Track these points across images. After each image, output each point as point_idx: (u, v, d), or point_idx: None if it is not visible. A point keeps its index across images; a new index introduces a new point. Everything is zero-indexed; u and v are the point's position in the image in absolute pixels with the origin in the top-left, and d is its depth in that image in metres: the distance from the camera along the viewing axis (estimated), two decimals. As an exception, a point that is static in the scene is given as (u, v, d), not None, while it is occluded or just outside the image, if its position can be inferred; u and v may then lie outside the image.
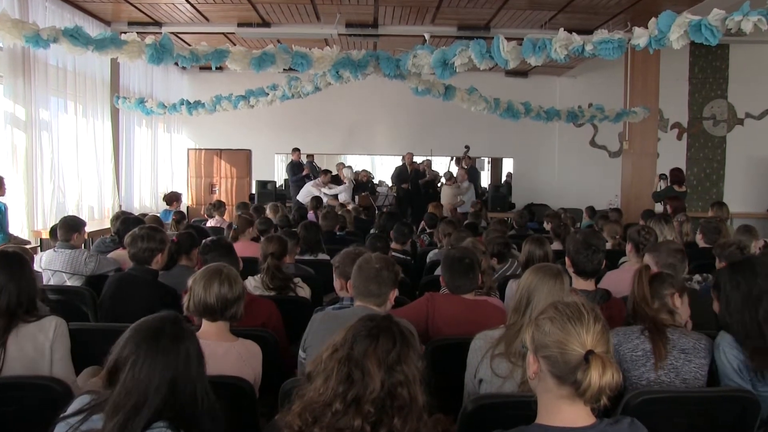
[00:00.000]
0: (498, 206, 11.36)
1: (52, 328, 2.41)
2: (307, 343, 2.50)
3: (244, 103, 8.49)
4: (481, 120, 11.26)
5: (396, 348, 1.56)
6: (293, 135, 12.17)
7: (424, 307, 2.93)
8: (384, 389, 1.52)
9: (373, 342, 1.56)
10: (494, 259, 4.36)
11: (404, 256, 5.24)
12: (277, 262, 3.77)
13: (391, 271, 2.56)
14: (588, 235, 3.22)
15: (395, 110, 12.48)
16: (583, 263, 3.09)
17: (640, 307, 2.48)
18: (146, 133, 10.60)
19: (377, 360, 1.53)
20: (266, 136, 12.50)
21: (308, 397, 1.58)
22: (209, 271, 2.49)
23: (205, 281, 2.45)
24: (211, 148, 12.66)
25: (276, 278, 3.70)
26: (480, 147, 12.50)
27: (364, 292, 2.53)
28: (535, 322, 1.60)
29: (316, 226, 5.28)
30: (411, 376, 1.55)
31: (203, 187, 12.72)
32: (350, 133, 12.76)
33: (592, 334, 1.50)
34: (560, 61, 5.10)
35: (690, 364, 2.34)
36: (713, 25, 4.24)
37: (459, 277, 2.96)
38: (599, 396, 1.46)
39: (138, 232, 3.46)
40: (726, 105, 12.03)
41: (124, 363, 1.57)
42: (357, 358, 1.54)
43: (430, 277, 4.37)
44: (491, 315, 2.86)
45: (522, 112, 8.63)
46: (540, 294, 2.28)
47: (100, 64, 8.60)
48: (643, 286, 2.50)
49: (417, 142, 12.42)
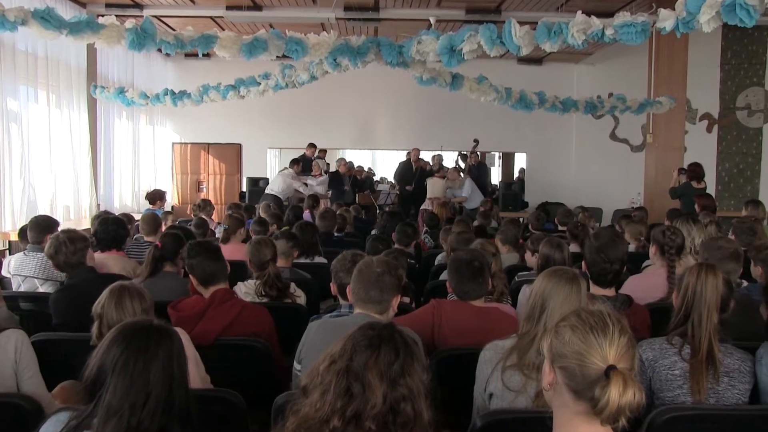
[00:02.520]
0: (510, 205, 11.37)
1: (12, 346, 2.37)
2: (302, 354, 2.51)
3: (234, 93, 8.50)
4: (492, 112, 11.25)
5: (399, 359, 1.56)
6: (287, 128, 12.21)
7: (429, 315, 2.93)
8: (386, 404, 1.52)
9: (375, 353, 1.56)
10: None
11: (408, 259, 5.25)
12: (277, 269, 3.79)
13: (394, 275, 2.56)
14: (605, 244, 3.10)
15: (398, 101, 12.49)
16: (598, 275, 3.09)
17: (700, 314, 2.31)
18: (127, 125, 10.63)
19: (379, 372, 1.53)
20: (258, 129, 12.53)
21: (304, 412, 1.58)
22: (114, 291, 2.51)
23: (116, 302, 2.47)
24: (198, 143, 12.69)
25: (275, 287, 3.73)
26: (490, 141, 12.51)
27: (364, 298, 2.54)
28: (555, 329, 1.61)
29: (312, 226, 5.30)
30: (415, 389, 1.55)
31: (189, 184, 12.76)
32: (349, 127, 12.79)
33: (615, 347, 1.50)
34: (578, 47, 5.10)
35: (733, 389, 2.26)
36: (750, 5, 4.17)
37: (467, 281, 2.97)
38: (617, 416, 1.45)
39: (60, 239, 3.56)
40: (763, 93, 11.96)
41: (109, 369, 1.59)
42: (357, 371, 1.54)
43: (436, 282, 4.39)
44: (502, 323, 2.87)
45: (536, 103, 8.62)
46: (555, 300, 2.28)
47: (75, 50, 8.61)
48: (717, 289, 2.34)
49: (422, 136, 12.44)
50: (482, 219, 7.66)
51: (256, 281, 3.77)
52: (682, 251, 3.83)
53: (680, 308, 2.39)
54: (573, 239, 5.76)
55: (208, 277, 3.11)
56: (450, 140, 12.36)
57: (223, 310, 2.97)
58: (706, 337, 2.29)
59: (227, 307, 3.00)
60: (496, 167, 15.32)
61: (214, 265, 3.12)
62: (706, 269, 2.40)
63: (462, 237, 4.78)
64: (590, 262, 3.11)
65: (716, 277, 2.37)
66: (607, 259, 3.06)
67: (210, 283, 3.10)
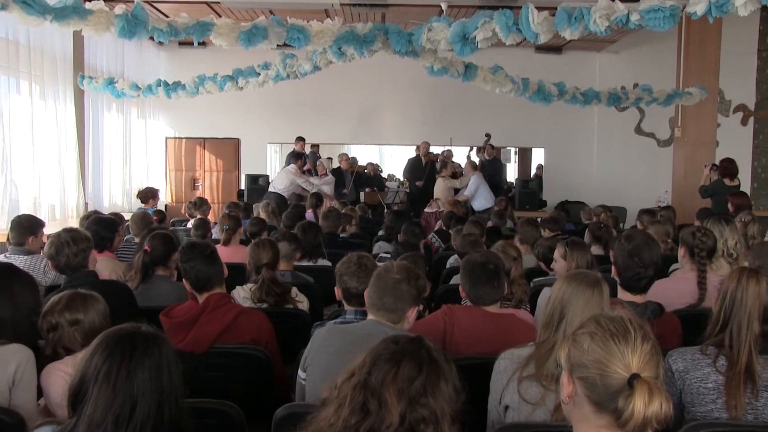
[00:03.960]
0: (527, 204, 11.35)
1: (14, 365, 2.35)
2: (308, 362, 2.51)
3: (232, 84, 8.54)
4: (507, 104, 11.24)
5: (421, 377, 1.54)
6: (289, 122, 12.22)
7: (440, 321, 2.94)
8: (404, 425, 1.51)
9: (394, 368, 1.55)
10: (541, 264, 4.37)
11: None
12: (272, 273, 3.80)
13: (413, 285, 2.56)
14: (639, 247, 3.08)
15: (407, 93, 12.49)
16: (631, 280, 3.07)
17: (739, 323, 2.27)
18: (117, 119, 10.67)
19: (397, 390, 1.52)
20: (257, 123, 12.56)
21: (316, 426, 1.59)
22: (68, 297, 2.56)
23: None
24: (194, 137, 12.73)
25: (271, 293, 3.74)
26: (506, 135, 12.50)
27: (377, 304, 2.55)
28: (573, 337, 1.61)
29: (315, 227, 5.33)
30: (439, 412, 1.53)
31: (184, 182, 12.80)
32: (355, 120, 12.80)
33: (639, 355, 1.50)
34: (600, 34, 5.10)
35: None
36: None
37: (481, 285, 2.97)
38: (643, 429, 1.46)
39: (62, 238, 3.57)
40: (804, 82, 11.91)
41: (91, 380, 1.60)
42: (374, 386, 1.54)
43: (448, 287, 4.40)
44: (519, 330, 2.87)
45: (555, 95, 8.61)
46: (575, 307, 2.29)
47: (60, 38, 8.62)
48: (760, 297, 2.30)
49: (432, 130, 12.43)
50: (497, 219, 7.63)
51: (252, 287, 3.79)
52: (713, 254, 3.81)
53: (718, 316, 2.36)
54: (595, 241, 5.74)
55: (202, 282, 3.11)
56: (461, 135, 12.35)
57: (218, 316, 2.98)
58: (746, 348, 2.25)
59: (222, 312, 3.00)
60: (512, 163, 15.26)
61: (208, 269, 3.12)
62: (747, 274, 2.36)
63: (467, 240, 4.77)
64: (622, 266, 3.08)
65: (759, 284, 2.33)
66: (642, 263, 3.04)
67: (204, 288, 3.11)
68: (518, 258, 3.87)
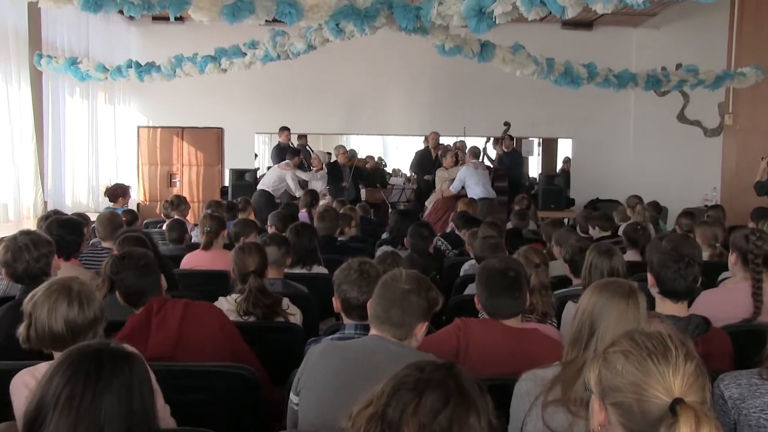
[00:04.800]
0: (552, 203, 11.35)
1: None
2: (301, 384, 2.52)
3: (214, 66, 8.54)
4: (530, 89, 11.24)
5: (447, 410, 1.52)
6: (279, 109, 12.22)
7: (453, 337, 2.94)
8: None
9: (415, 399, 1.54)
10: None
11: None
12: (260, 282, 3.80)
13: (424, 297, 2.57)
14: (679, 241, 3.15)
15: (414, 76, 12.50)
16: (672, 280, 3.06)
17: None
18: (81, 105, 10.67)
19: (417, 424, 1.51)
20: (243, 110, 12.56)
21: None
22: (54, 289, 2.53)
23: (51, 302, 2.49)
24: (170, 126, 12.75)
25: (259, 304, 3.74)
26: (527, 125, 12.47)
27: (381, 317, 2.55)
28: (604, 356, 1.61)
29: (310, 229, 5.33)
30: None
31: (159, 177, 12.81)
32: (355, 107, 12.80)
33: (682, 376, 1.50)
34: (638, 6, 5.09)
35: None
36: None
37: (500, 295, 2.98)
38: (690, 464, 1.45)
39: (20, 241, 3.57)
40: None
41: (50, 404, 1.60)
42: (392, 419, 1.53)
43: (462, 297, 4.40)
44: (543, 348, 2.88)
45: (585, 77, 8.60)
46: (607, 320, 2.30)
47: (13, 11, 8.56)
48: None
49: (443, 119, 12.44)
50: (517, 220, 7.63)
51: (238, 296, 3.80)
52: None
53: None
54: (631, 245, 5.72)
55: (134, 297, 3.21)
56: (476, 124, 12.31)
57: (168, 312, 3.07)
58: None
59: (171, 308, 3.09)
60: (535, 156, 15.28)
61: (142, 281, 3.21)
62: None
63: (488, 243, 4.74)
64: (658, 265, 3.07)
65: None
66: (681, 256, 3.03)
67: (140, 302, 3.19)
68: (541, 265, 3.86)
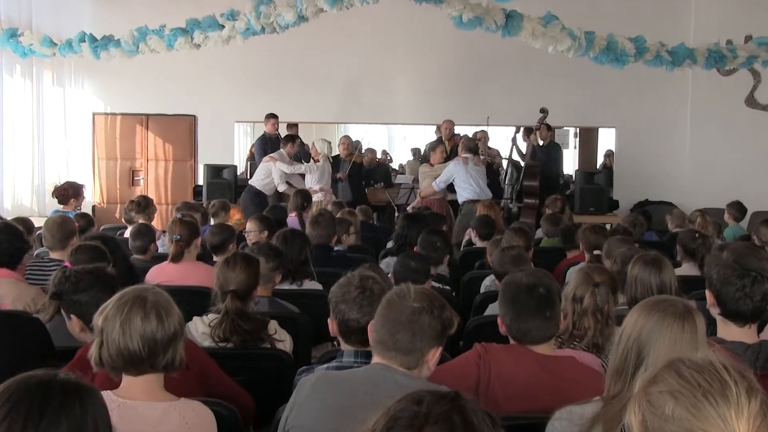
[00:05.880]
0: (591, 205, 11.33)
1: None
2: (290, 422, 2.53)
3: (185, 40, 8.57)
4: (564, 69, 11.31)
5: None
6: (264, 94, 12.28)
7: (473, 366, 2.95)
8: None
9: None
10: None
11: (439, 284, 5.27)
12: (239, 305, 3.77)
13: (437, 317, 2.57)
14: (743, 253, 3.13)
15: (424, 56, 12.58)
16: (736, 300, 3.05)
17: None
18: (23, 86, 10.71)
19: None
20: (221, 94, 12.63)
21: None
22: (126, 300, 2.54)
23: (124, 315, 2.49)
24: (133, 113, 12.82)
25: (238, 330, 3.71)
26: (561, 112, 12.43)
27: (387, 342, 2.55)
28: (646, 395, 1.59)
29: (301, 237, 5.35)
30: None
31: (119, 174, 12.87)
32: (354, 92, 12.86)
33: (746, 418, 1.47)
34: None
35: None
36: None
37: (528, 316, 2.98)
38: None
39: None
40: None
41: None
42: None
43: (482, 319, 4.40)
44: (581, 379, 2.89)
45: (631, 54, 8.61)
46: (658, 347, 2.30)
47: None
48: None
49: (461, 106, 12.49)
50: (549, 225, 7.62)
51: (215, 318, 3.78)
52: None
53: None
54: (687, 257, 5.70)
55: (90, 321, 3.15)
56: (500, 112, 12.29)
57: None
58: None
59: None
60: (571, 149, 15.26)
61: (102, 302, 3.17)
62: None
63: (508, 255, 4.74)
64: (719, 280, 3.07)
65: None
66: (745, 271, 3.02)
67: None
68: (601, 285, 3.80)
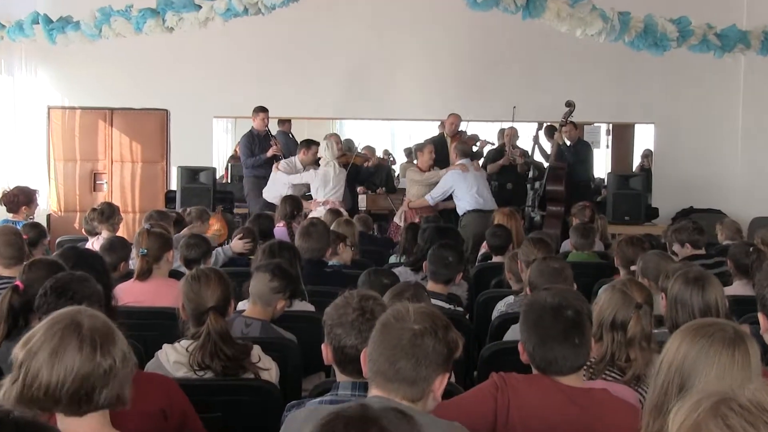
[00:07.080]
0: (626, 214, 11.28)
1: None
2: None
3: (156, 22, 8.56)
4: (593, 56, 11.32)
5: None
6: (249, 85, 12.25)
7: (489, 399, 2.95)
8: None
9: None
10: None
11: (450, 305, 5.28)
12: (222, 325, 3.77)
13: (441, 340, 2.56)
14: None
15: (435, 42, 12.58)
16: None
17: None
18: (-36, 75, 10.74)
19: None
20: (197, 85, 12.59)
21: None
22: (58, 326, 2.49)
23: (54, 345, 2.46)
24: (95, 107, 12.78)
25: (220, 355, 3.71)
26: (591, 106, 12.41)
27: (387, 372, 2.54)
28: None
29: (290, 251, 5.38)
30: None
31: (79, 178, 12.82)
32: (353, 84, 12.82)
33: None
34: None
35: None
36: None
37: (553, 342, 2.98)
38: None
39: None
40: None
41: None
42: None
43: (500, 345, 4.40)
44: (614, 415, 2.89)
45: (673, 39, 8.61)
46: (704, 378, 2.30)
47: None
48: None
49: (469, 100, 12.49)
50: (579, 237, 7.62)
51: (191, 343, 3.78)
52: None
53: None
54: (740, 273, 5.71)
55: None
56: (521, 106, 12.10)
57: None
58: None
59: None
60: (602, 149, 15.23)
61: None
62: None
63: (548, 268, 4.67)
64: None
65: None
66: None
67: None
68: (644, 306, 3.79)
